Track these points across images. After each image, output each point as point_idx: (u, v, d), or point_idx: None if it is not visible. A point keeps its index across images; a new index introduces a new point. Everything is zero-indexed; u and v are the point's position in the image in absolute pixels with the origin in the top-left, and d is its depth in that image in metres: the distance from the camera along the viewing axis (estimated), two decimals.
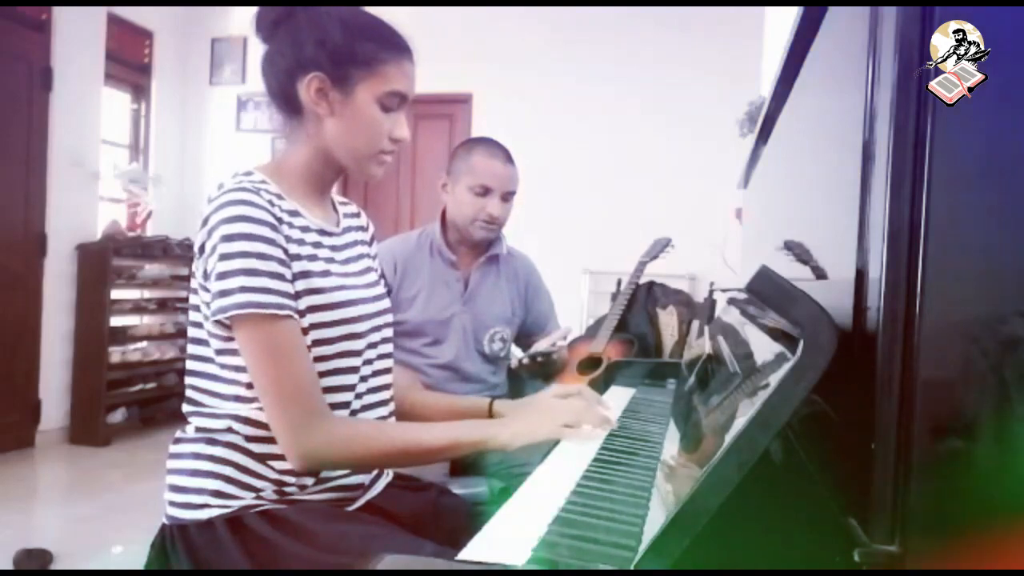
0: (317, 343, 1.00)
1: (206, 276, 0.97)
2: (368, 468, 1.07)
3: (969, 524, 0.50)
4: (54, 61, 3.85)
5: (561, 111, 4.40)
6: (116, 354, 4.05)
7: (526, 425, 1.03)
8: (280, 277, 0.96)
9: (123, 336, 4.14)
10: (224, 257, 0.94)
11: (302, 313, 0.99)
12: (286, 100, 1.05)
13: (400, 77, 1.05)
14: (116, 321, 4.06)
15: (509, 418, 1.07)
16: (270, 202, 0.99)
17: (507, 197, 1.80)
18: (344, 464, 1.01)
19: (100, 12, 4.16)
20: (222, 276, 0.94)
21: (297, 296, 0.98)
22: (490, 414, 1.32)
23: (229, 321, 0.95)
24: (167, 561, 1.00)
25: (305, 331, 0.99)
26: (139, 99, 4.70)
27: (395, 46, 1.05)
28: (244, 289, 0.93)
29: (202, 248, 0.98)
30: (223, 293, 0.94)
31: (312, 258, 1.03)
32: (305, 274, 1.00)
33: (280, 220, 0.99)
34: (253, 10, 1.07)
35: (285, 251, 0.98)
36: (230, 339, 0.98)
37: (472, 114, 4.57)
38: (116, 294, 4.05)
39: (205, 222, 0.97)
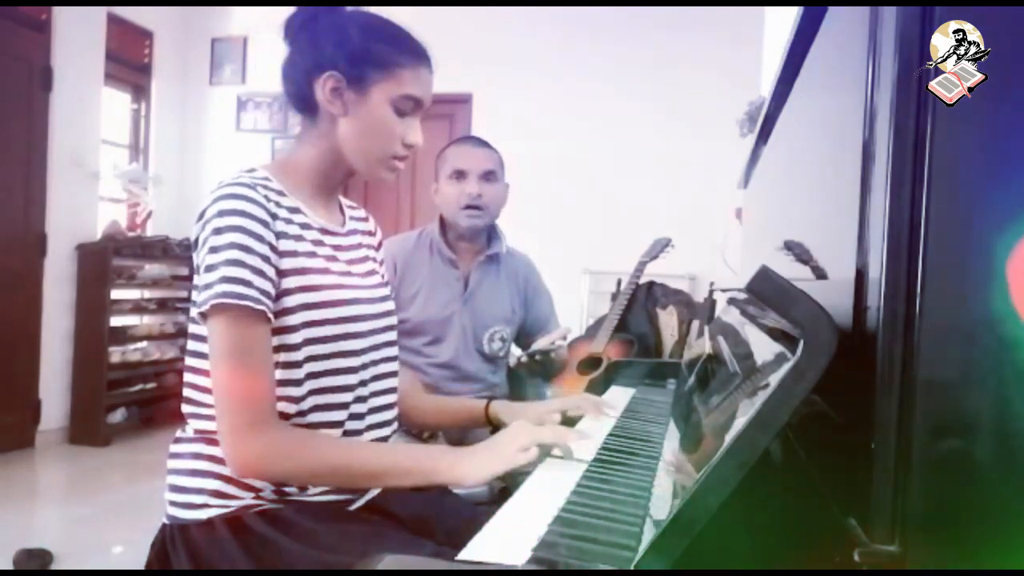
0: (311, 342, 0.99)
1: (198, 270, 0.97)
2: (305, 484, 1.01)
3: (969, 524, 0.51)
4: (54, 61, 3.85)
5: (561, 111, 4.40)
6: (116, 354, 4.05)
7: (482, 460, 0.95)
8: (261, 274, 0.95)
9: (123, 336, 4.14)
10: (213, 250, 0.94)
11: (293, 310, 0.98)
12: (302, 100, 1.07)
13: (415, 82, 1.06)
14: (116, 321, 4.06)
15: (468, 451, 0.98)
16: (266, 197, 0.99)
17: (488, 177, 1.80)
18: (279, 478, 0.98)
19: (100, 12, 4.16)
20: (209, 269, 0.94)
21: (288, 293, 0.98)
22: (487, 415, 1.32)
23: (208, 311, 0.94)
24: (167, 561, 1.00)
25: (296, 329, 0.98)
26: (139, 99, 4.70)
27: (412, 52, 1.07)
28: (224, 279, 0.92)
29: (196, 241, 0.98)
30: (207, 286, 0.94)
31: (311, 255, 1.02)
32: (301, 271, 1.00)
33: (275, 216, 0.99)
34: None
35: (274, 248, 0.97)
36: None
37: (472, 114, 4.56)
38: (116, 294, 4.04)
39: (201, 216, 0.98)
